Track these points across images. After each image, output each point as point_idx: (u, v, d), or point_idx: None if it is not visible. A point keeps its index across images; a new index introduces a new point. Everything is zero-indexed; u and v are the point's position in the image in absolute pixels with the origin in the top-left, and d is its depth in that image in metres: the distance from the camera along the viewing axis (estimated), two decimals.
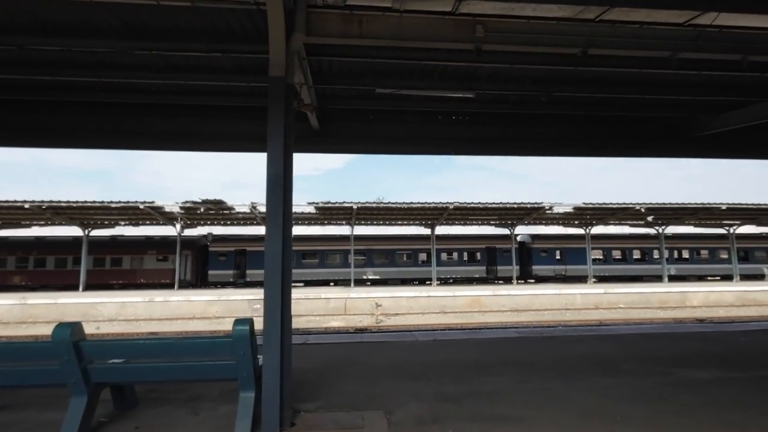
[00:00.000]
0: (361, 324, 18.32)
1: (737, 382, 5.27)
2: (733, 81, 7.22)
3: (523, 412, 4.25)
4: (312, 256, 31.21)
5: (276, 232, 4.06)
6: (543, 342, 8.17)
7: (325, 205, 23.55)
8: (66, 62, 6.19)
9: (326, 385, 5.28)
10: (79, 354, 3.70)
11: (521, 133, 9.06)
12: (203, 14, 5.21)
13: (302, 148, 8.69)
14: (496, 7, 4.62)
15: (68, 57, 6.06)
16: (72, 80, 6.79)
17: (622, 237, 34.19)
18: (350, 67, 6.84)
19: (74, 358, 3.67)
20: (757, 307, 23.49)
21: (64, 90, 7.13)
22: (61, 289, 26.97)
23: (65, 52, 5.91)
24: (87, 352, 3.77)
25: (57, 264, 29.31)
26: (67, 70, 6.29)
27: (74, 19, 5.25)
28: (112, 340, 4.11)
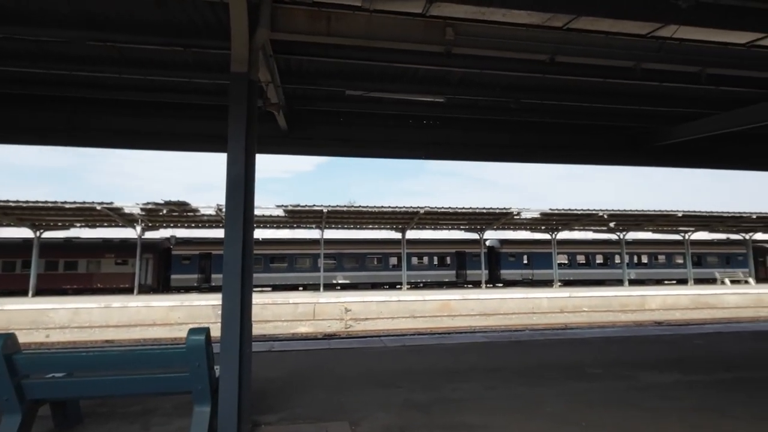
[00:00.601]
0: (329, 329, 18.04)
1: (697, 385, 5.41)
2: (691, 93, 7.50)
3: (492, 420, 4.19)
4: (280, 260, 30.60)
5: (236, 236, 3.84)
6: (511, 347, 8.20)
7: (294, 208, 23.13)
8: (5, 52, 5.75)
9: (290, 395, 5.07)
10: (11, 368, 3.37)
11: (490, 138, 9.13)
12: (163, 5, 4.94)
13: (270, 149, 8.45)
14: (466, 11, 4.58)
15: (8, 46, 5.63)
16: (14, 71, 6.32)
17: (586, 242, 35.30)
18: (320, 67, 6.68)
19: (6, 372, 3.33)
20: (710, 309, 24.68)
21: (8, 82, 6.64)
22: (9, 294, 25.30)
23: (5, 41, 5.47)
24: (22, 366, 3.44)
25: (4, 267, 27.51)
26: (7, 60, 5.85)
27: (14, 2, 4.87)
28: (51, 352, 3.78)
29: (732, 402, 4.72)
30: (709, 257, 35.73)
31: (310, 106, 7.95)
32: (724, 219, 28.61)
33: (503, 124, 8.91)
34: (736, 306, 25.53)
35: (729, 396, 4.94)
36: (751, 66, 5.70)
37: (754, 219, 28.51)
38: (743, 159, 10.26)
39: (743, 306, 25.58)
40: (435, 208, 23.97)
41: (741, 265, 35.33)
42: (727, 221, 29.40)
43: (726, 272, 35.02)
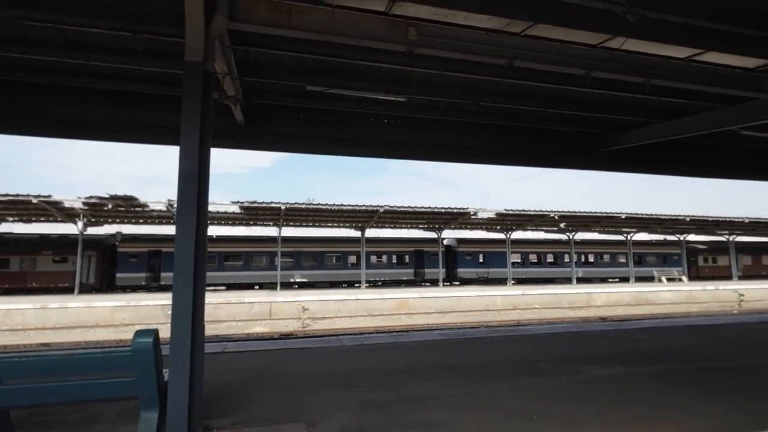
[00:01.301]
0: (286, 329, 17.71)
1: (638, 377, 5.75)
2: (637, 102, 7.95)
3: (449, 417, 4.25)
4: (236, 258, 29.72)
5: (188, 233, 3.67)
6: (467, 344, 8.39)
7: (251, 204, 22.51)
8: None
9: (244, 397, 4.91)
10: None
11: (451, 140, 9.28)
12: None
13: (226, 143, 8.18)
14: (428, 12, 4.62)
15: None
16: None
17: (538, 242, 36.75)
18: (280, 60, 6.52)
19: None
20: (649, 305, 26.40)
21: None
22: None
23: None
24: None
25: None
26: None
27: None
28: None
29: (668, 392, 5.05)
30: (649, 257, 38.22)
31: (269, 100, 7.75)
32: (662, 221, 30.68)
33: (463, 126, 9.08)
34: (671, 302, 27.46)
35: (665, 387, 5.28)
36: (689, 79, 6.12)
37: (688, 222, 30.78)
38: (680, 165, 11.03)
39: (677, 302, 27.56)
40: (394, 207, 24.11)
41: (676, 264, 38.05)
42: (664, 223, 31.55)
43: (663, 271, 37.60)
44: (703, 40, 5.42)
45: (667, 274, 37.38)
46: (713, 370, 6.12)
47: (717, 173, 11.75)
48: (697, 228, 33.96)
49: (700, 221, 30.67)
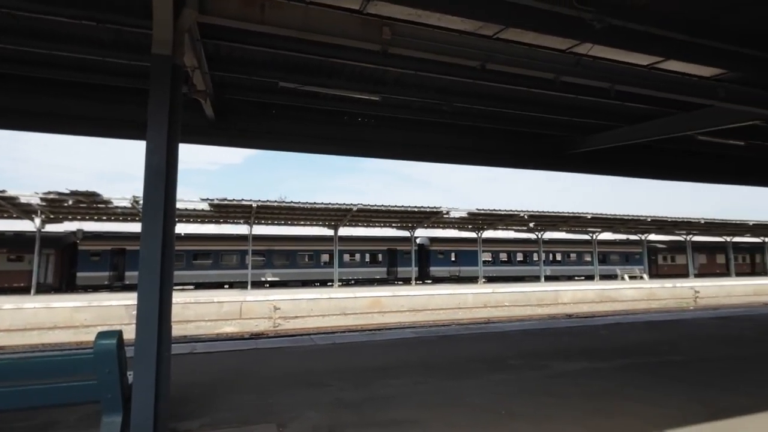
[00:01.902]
0: (257, 329, 17.44)
1: (601, 371, 5.97)
2: (602, 107, 8.24)
3: (420, 415, 4.29)
4: (205, 256, 28.98)
5: (155, 230, 3.56)
6: (439, 342, 8.49)
7: (221, 202, 22.00)
8: None
9: (214, 399, 4.81)
10: None
11: (424, 139, 9.37)
12: None
13: (195, 139, 7.98)
14: (402, 12, 4.64)
15: None
16: None
17: (508, 241, 37.53)
18: (253, 56, 6.42)
19: None
20: (612, 302, 27.42)
21: None
22: None
23: None
24: None
25: None
26: None
27: None
28: None
29: (628, 385, 5.27)
30: (612, 255, 39.67)
31: (241, 96, 7.61)
32: (625, 221, 31.91)
33: (437, 126, 9.18)
34: (633, 299, 28.61)
35: (626, 380, 5.51)
36: (651, 86, 6.39)
37: (649, 222, 32.14)
38: (644, 168, 11.51)
39: (638, 299, 28.74)
40: (368, 205, 24.10)
41: (637, 262, 39.66)
42: (627, 223, 32.82)
43: (625, 269, 39.11)
44: (665, 48, 5.68)
45: (630, 272, 38.91)
46: (669, 363, 6.42)
47: (677, 176, 12.33)
48: (657, 228, 35.50)
49: (660, 222, 32.07)
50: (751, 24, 5.63)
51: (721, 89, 6.61)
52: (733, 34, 5.68)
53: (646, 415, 4.21)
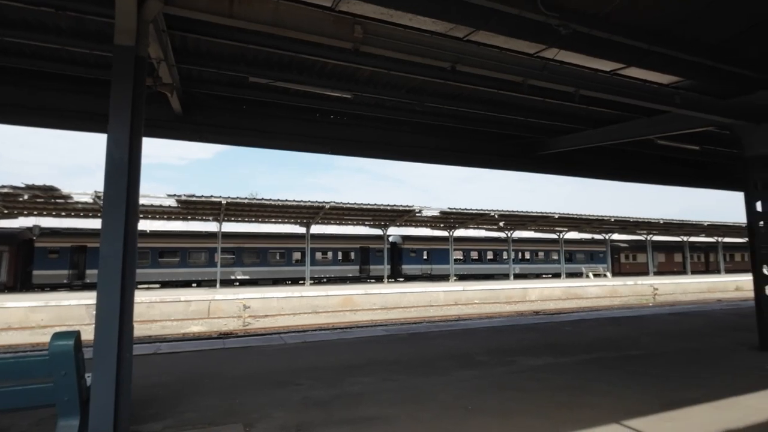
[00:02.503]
0: (226, 328, 17.09)
1: (565, 366, 6.18)
2: (568, 110, 8.50)
3: (389, 411, 4.33)
4: (172, 254, 28.15)
5: (116, 227, 3.44)
6: (409, 339, 8.56)
7: (189, 198, 21.39)
8: None
9: (179, 399, 4.70)
10: None
11: (397, 138, 9.40)
12: None
13: (160, 132, 7.75)
14: (374, 10, 4.63)
15: None
16: None
17: (479, 239, 38.18)
18: (222, 49, 6.28)
19: None
20: (577, 299, 28.36)
21: None
22: None
23: None
24: None
25: None
26: None
27: None
28: None
29: (590, 379, 5.48)
30: (578, 254, 41.02)
31: (209, 90, 7.43)
32: (590, 221, 33.02)
33: (409, 125, 9.24)
34: (597, 296, 29.68)
35: (588, 374, 5.72)
36: (613, 91, 6.64)
37: (613, 222, 33.37)
38: (608, 170, 11.94)
39: (602, 296, 29.84)
40: (341, 203, 24.00)
41: (601, 261, 41.15)
42: (592, 223, 33.97)
43: (590, 267, 40.52)
44: (626, 55, 5.91)
45: (594, 270, 40.32)
46: (629, 358, 6.71)
47: (638, 178, 12.84)
48: (620, 228, 36.90)
49: (622, 222, 33.36)
50: (703, 35, 5.94)
51: (678, 96, 6.94)
52: (688, 44, 5.97)
53: (607, 407, 4.40)
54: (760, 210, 7.40)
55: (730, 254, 46.53)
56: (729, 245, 45.13)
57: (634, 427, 3.90)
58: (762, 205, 7.36)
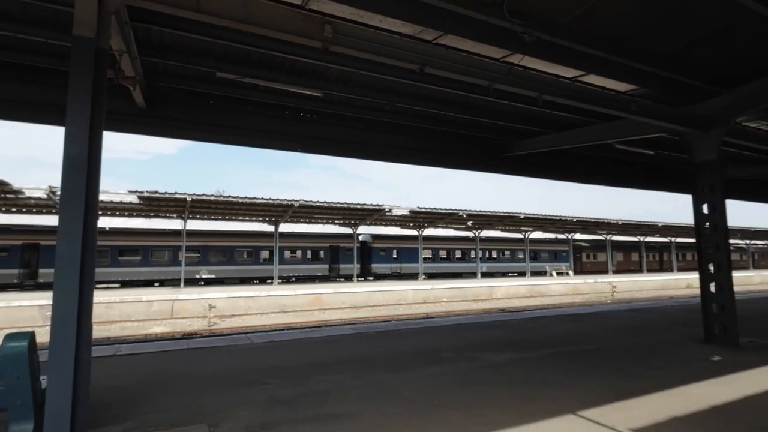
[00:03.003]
0: (190, 328, 16.66)
1: (526, 361, 6.40)
2: (532, 114, 8.77)
3: (355, 408, 4.38)
4: (133, 252, 27.13)
5: (74, 225, 3.32)
6: (377, 337, 8.64)
7: (152, 195, 20.68)
8: None
9: (140, 401, 4.58)
10: None
11: (366, 137, 9.43)
12: None
13: (123, 127, 7.49)
14: (344, 10, 4.67)
15: None
16: None
17: (448, 239, 38.76)
18: (189, 43, 6.14)
19: None
20: (541, 297, 29.27)
21: None
22: None
23: None
24: None
25: None
26: None
27: None
28: None
29: (550, 372, 5.72)
30: (542, 253, 42.32)
31: (175, 84, 7.25)
32: (554, 221, 34.13)
33: (379, 125, 9.29)
34: (560, 294, 30.73)
35: (548, 368, 5.96)
36: (574, 97, 6.92)
37: (575, 222, 34.63)
38: (571, 172, 12.39)
39: (564, 294, 30.92)
40: (310, 201, 23.81)
41: (564, 260, 42.63)
42: (556, 223, 35.13)
43: (554, 266, 41.89)
44: (586, 63, 6.18)
45: (557, 268, 41.72)
46: (586, 352, 7.03)
47: (598, 180, 13.38)
48: (581, 228, 38.32)
49: (584, 222, 34.66)
50: (655, 46, 6.30)
51: (634, 104, 7.31)
52: (642, 55, 6.32)
53: (564, 398, 4.60)
54: (706, 212, 7.90)
55: (682, 254, 49.17)
56: (681, 245, 47.69)
57: (589, 417, 4.11)
58: (708, 208, 7.86)
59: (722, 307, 7.59)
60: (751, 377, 5.47)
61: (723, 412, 4.23)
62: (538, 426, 3.90)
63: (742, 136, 9.46)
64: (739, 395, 4.72)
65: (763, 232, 44.62)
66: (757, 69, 6.97)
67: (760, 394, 4.77)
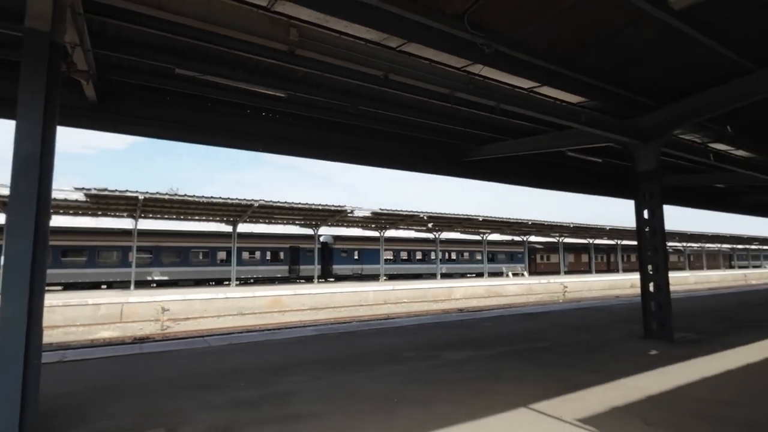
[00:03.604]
0: (142, 332, 15.98)
1: (483, 359, 6.67)
2: (492, 121, 9.13)
3: (318, 407, 4.43)
4: (78, 253, 25.63)
5: (24, 224, 3.18)
6: (338, 338, 8.68)
7: (100, 192, 19.61)
8: None
9: (90, 409, 4.41)
10: None
11: (330, 138, 9.47)
12: None
13: (74, 122, 7.16)
14: (310, 14, 4.71)
15: None
16: None
17: (409, 240, 39.25)
18: (145, 38, 5.96)
19: None
20: (498, 297, 30.24)
21: None
22: None
23: None
24: None
25: None
26: None
27: None
28: None
29: (504, 369, 5.99)
30: (499, 255, 43.74)
31: (130, 78, 6.99)
32: (511, 224, 35.39)
33: (342, 127, 9.34)
34: (515, 294, 31.86)
35: (502, 364, 6.24)
36: (530, 107, 7.29)
37: (530, 225, 36.06)
38: (528, 177, 12.94)
39: (520, 294, 32.09)
40: (270, 201, 23.42)
41: (520, 261, 44.25)
42: (512, 226, 36.43)
43: (510, 267, 43.39)
44: (540, 75, 6.54)
45: (513, 269, 43.25)
46: (539, 349, 7.40)
47: (552, 185, 14.06)
48: (536, 230, 39.94)
49: (538, 225, 36.16)
50: (601, 63, 6.76)
51: (583, 115, 7.79)
52: (590, 70, 6.76)
53: (516, 393, 4.86)
54: (647, 217, 8.52)
55: (627, 255, 52.28)
56: (626, 247, 50.71)
57: (540, 410, 4.37)
58: (648, 213, 8.48)
59: (660, 305, 8.21)
60: (681, 369, 5.98)
61: (657, 401, 4.62)
62: (493, 419, 4.11)
63: (678, 147, 10.27)
64: (671, 385, 5.16)
65: (698, 235, 48.24)
66: (689, 87, 7.62)
67: (688, 384, 5.24)
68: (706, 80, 7.36)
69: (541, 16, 5.42)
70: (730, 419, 4.09)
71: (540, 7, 5.27)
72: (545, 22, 5.51)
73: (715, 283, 43.92)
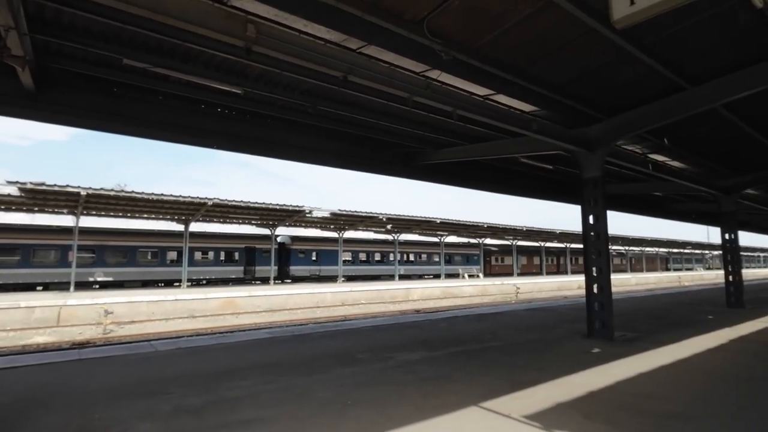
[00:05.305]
0: (81, 337, 15.01)
1: (437, 359, 6.78)
2: (448, 126, 9.32)
3: (267, 412, 4.33)
4: (9, 251, 23.72)
5: None
6: (293, 341, 8.54)
7: (37, 187, 18.22)
8: None
9: (17, 421, 4.09)
10: None
11: (287, 138, 9.31)
12: None
13: (6, 111, 6.62)
14: (268, 11, 4.62)
15: None
16: None
17: (367, 241, 39.28)
18: (89, 24, 5.63)
19: None
20: (454, 298, 30.86)
21: None
22: None
23: None
24: None
25: None
26: None
27: None
28: None
29: (455, 369, 6.12)
30: (456, 257, 44.68)
31: (72, 67, 6.56)
32: (467, 227, 36.25)
33: (301, 126, 9.22)
34: (470, 295, 32.65)
35: (454, 365, 6.38)
36: (485, 114, 7.50)
37: (485, 228, 37.09)
38: (482, 181, 13.30)
39: (475, 295, 32.92)
40: (225, 200, 22.69)
41: (475, 263, 45.40)
42: (469, 228, 37.32)
43: (466, 268, 44.39)
44: (495, 84, 6.76)
45: (469, 271, 44.27)
46: (490, 348, 7.62)
47: (508, 190, 14.51)
48: (491, 233, 41.12)
49: (493, 228, 37.26)
50: (550, 76, 7.08)
51: (535, 123, 8.11)
52: (540, 81, 7.07)
53: (466, 392, 4.98)
54: (592, 222, 8.99)
55: (575, 258, 54.90)
56: (575, 250, 53.27)
57: (489, 408, 4.50)
58: (593, 218, 8.95)
59: (602, 306, 8.68)
60: (620, 366, 6.35)
61: (597, 396, 4.89)
62: (443, 419, 4.19)
63: (621, 157, 10.92)
64: (611, 381, 5.48)
65: (639, 240, 51.49)
66: (632, 101, 8.14)
67: (626, 380, 5.58)
68: (648, 96, 7.89)
69: (496, 26, 5.59)
70: (658, 412, 4.39)
71: (496, 18, 5.44)
72: (499, 32, 5.70)
73: (653, 284, 47.01)
